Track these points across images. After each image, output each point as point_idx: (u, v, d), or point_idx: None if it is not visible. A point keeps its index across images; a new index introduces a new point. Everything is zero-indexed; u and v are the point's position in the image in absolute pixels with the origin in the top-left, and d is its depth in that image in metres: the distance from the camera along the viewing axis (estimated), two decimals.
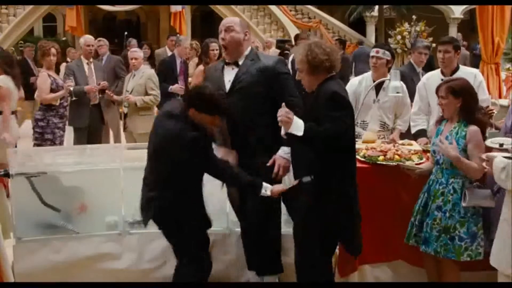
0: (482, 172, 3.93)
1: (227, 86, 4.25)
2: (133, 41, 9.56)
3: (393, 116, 5.50)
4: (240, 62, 4.27)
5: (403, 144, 4.89)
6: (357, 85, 5.47)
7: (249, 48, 4.35)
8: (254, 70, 4.21)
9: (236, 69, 4.27)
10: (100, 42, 9.04)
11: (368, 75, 5.52)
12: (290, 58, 9.39)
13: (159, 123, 3.95)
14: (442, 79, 5.08)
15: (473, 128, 4.00)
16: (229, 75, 4.28)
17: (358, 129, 5.25)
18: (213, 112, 3.84)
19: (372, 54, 5.39)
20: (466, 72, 5.22)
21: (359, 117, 5.37)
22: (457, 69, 5.21)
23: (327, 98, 3.59)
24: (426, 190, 4.17)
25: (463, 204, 3.98)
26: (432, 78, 5.26)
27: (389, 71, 5.42)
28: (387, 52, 5.37)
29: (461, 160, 3.92)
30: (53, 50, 7.01)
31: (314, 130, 3.54)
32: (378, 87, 5.38)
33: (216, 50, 7.34)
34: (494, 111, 4.74)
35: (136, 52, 7.42)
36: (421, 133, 5.22)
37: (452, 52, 5.14)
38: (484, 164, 3.79)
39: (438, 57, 5.21)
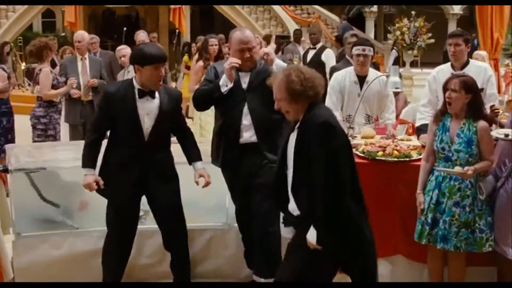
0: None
1: (244, 86, 4.34)
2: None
3: (376, 109, 5.59)
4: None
5: (402, 140, 4.90)
6: (341, 80, 5.56)
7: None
8: (271, 68, 4.31)
9: (248, 72, 4.36)
10: (92, 39, 9.01)
11: (351, 69, 5.59)
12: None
13: None
14: (452, 73, 5.08)
15: (483, 124, 4.08)
16: (244, 77, 4.37)
17: (345, 124, 5.35)
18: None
19: (358, 52, 5.45)
20: (476, 66, 5.21)
21: (345, 112, 5.51)
22: (467, 62, 5.18)
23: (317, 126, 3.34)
24: (434, 187, 4.17)
25: (481, 197, 4.07)
26: (442, 72, 5.24)
27: (371, 65, 5.61)
28: (371, 49, 5.50)
29: (479, 168, 4.05)
30: (55, 46, 7.02)
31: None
32: (362, 81, 5.46)
33: (216, 45, 7.35)
34: (500, 110, 4.77)
35: (124, 50, 7.49)
36: (425, 128, 5.21)
37: (463, 45, 5.10)
38: None
39: (448, 50, 5.15)
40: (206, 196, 4.79)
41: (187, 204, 4.68)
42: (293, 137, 3.50)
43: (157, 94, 4.20)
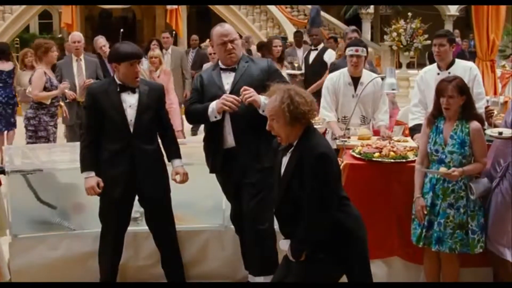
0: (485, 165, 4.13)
1: (226, 88, 4.29)
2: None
3: (371, 110, 5.61)
4: (237, 66, 4.33)
5: (398, 141, 4.92)
6: (336, 81, 5.59)
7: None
8: (256, 71, 4.29)
9: (232, 73, 4.32)
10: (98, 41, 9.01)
11: (345, 71, 5.62)
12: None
13: None
14: (438, 73, 5.12)
15: (476, 125, 4.07)
16: (227, 79, 4.33)
17: (340, 125, 5.45)
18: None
19: (351, 53, 5.49)
20: (462, 66, 5.24)
21: (340, 113, 5.54)
22: (452, 62, 5.22)
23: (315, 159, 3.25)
24: (429, 189, 4.16)
25: (472, 197, 4.07)
26: (429, 72, 5.31)
27: (364, 65, 5.64)
28: (364, 49, 5.53)
29: (467, 170, 4.04)
30: (54, 47, 6.98)
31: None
32: (356, 82, 5.50)
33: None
34: (494, 111, 4.78)
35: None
36: (418, 127, 5.23)
37: (447, 45, 5.15)
38: None
39: (433, 50, 5.21)
40: (202, 198, 4.80)
41: (184, 205, 4.71)
42: (285, 161, 3.41)
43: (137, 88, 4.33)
